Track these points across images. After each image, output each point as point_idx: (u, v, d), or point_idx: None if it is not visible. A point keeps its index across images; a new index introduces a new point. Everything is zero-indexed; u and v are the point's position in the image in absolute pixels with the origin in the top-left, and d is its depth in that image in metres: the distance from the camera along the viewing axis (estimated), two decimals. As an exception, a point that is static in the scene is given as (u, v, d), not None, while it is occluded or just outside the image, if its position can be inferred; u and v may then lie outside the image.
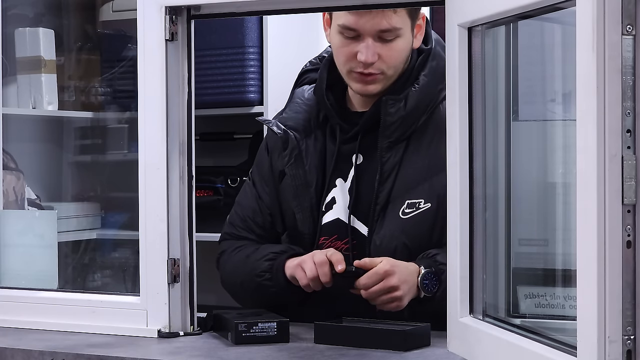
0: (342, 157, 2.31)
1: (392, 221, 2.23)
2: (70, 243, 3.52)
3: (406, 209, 2.22)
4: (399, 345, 1.94)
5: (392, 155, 2.25)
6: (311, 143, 2.32)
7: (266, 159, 2.39)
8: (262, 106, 3.42)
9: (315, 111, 2.35)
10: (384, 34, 2.22)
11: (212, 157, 3.78)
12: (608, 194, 1.33)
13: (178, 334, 2.12)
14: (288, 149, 2.31)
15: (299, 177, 2.31)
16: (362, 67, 2.24)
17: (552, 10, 1.53)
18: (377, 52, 2.23)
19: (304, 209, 2.30)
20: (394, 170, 2.25)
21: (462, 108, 1.77)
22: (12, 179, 2.86)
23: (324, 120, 2.34)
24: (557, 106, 1.83)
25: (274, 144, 2.37)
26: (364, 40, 2.22)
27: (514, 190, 1.80)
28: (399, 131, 2.25)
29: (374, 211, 2.24)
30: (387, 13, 2.20)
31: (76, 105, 3.64)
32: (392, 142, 2.25)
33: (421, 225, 2.21)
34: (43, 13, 3.62)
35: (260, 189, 2.38)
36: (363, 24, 2.21)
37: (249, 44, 3.41)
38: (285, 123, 2.34)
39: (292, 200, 2.31)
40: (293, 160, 2.31)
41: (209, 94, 3.41)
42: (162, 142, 2.13)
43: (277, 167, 2.35)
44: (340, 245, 2.27)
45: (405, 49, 2.27)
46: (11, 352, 2.01)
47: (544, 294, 1.81)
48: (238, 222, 2.40)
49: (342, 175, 2.31)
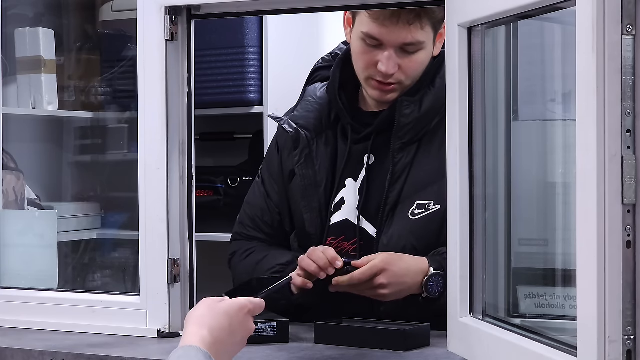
0: (353, 157, 2.30)
1: (400, 221, 2.22)
2: (70, 243, 3.52)
3: (415, 209, 2.22)
4: (398, 345, 1.94)
5: (404, 156, 2.24)
6: (322, 143, 2.32)
7: (276, 157, 2.38)
8: (262, 106, 3.41)
9: (327, 110, 2.34)
10: (407, 47, 2.21)
11: (212, 157, 3.78)
12: (608, 194, 1.33)
13: (178, 334, 2.12)
14: (299, 149, 2.31)
15: (308, 177, 2.30)
16: (382, 77, 2.23)
17: (552, 10, 1.53)
18: (398, 63, 2.22)
19: (312, 209, 2.29)
20: (405, 171, 2.24)
21: (462, 108, 1.77)
22: (12, 179, 2.86)
23: (335, 119, 2.34)
24: (557, 106, 1.83)
25: (284, 143, 2.37)
26: (386, 51, 2.21)
27: (514, 190, 1.80)
28: (412, 133, 2.24)
29: (384, 211, 2.23)
30: (413, 27, 2.18)
31: (76, 105, 3.64)
32: (405, 144, 2.25)
33: (430, 226, 2.20)
34: (43, 13, 3.62)
35: (270, 187, 2.38)
36: (387, 34, 2.19)
37: (249, 44, 3.41)
38: (297, 122, 2.33)
39: (300, 200, 2.30)
40: (303, 160, 2.30)
41: (209, 94, 3.40)
42: (162, 142, 2.13)
43: (287, 167, 2.35)
44: (347, 245, 2.26)
45: (426, 60, 2.26)
46: (11, 352, 2.01)
47: (544, 294, 1.80)
48: (247, 221, 2.39)
49: (352, 176, 2.30)
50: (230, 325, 1.61)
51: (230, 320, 1.62)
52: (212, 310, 1.61)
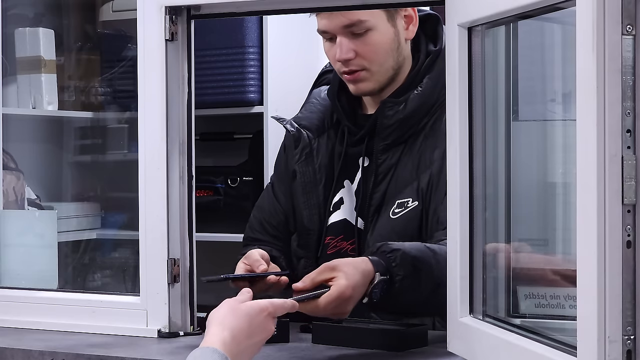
0: (350, 159, 2.32)
1: (383, 222, 2.23)
2: (70, 243, 3.52)
3: (396, 209, 2.22)
4: (395, 345, 1.94)
5: (389, 157, 2.25)
6: (323, 142, 2.35)
7: (282, 157, 2.43)
8: (262, 106, 3.42)
9: (330, 111, 2.38)
10: (351, 29, 2.23)
11: (212, 157, 3.78)
12: (608, 194, 1.33)
13: (178, 334, 2.12)
14: (299, 147, 2.34)
15: (307, 175, 2.33)
16: (344, 66, 2.26)
17: (552, 10, 1.53)
18: (352, 48, 2.24)
19: (311, 205, 2.32)
20: (390, 172, 2.25)
21: (462, 108, 1.77)
22: (12, 179, 2.86)
23: (337, 121, 2.36)
24: (557, 106, 1.82)
25: (288, 143, 2.40)
26: (337, 40, 2.25)
27: (514, 190, 1.80)
28: (395, 134, 2.25)
29: (368, 212, 2.25)
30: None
31: (76, 105, 3.64)
32: (389, 145, 2.25)
33: (409, 224, 2.20)
34: (43, 13, 3.62)
35: (277, 189, 2.41)
36: (329, 23, 2.24)
37: (249, 44, 3.41)
38: (299, 122, 2.37)
39: (300, 197, 2.33)
40: (304, 158, 2.34)
41: (209, 94, 3.41)
42: (162, 142, 2.13)
43: (290, 166, 2.38)
44: (346, 245, 2.28)
45: (383, 41, 2.25)
46: (11, 352, 2.01)
47: (544, 294, 1.80)
48: (255, 225, 2.42)
49: (349, 177, 2.32)
50: (249, 327, 1.63)
51: (251, 322, 1.64)
52: (234, 311, 1.64)
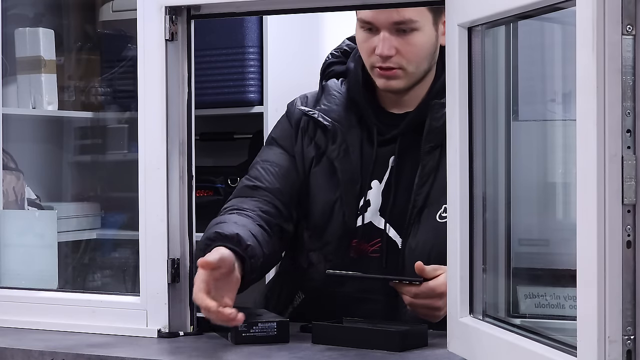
0: (379, 159, 2.27)
1: (427, 225, 2.20)
2: (70, 243, 3.52)
3: (443, 212, 2.17)
4: (395, 345, 1.94)
5: (431, 159, 2.21)
6: (354, 139, 2.28)
7: (290, 132, 2.34)
8: (262, 106, 3.41)
9: (353, 108, 2.31)
10: (399, 26, 2.21)
11: (212, 157, 3.78)
12: (608, 194, 1.33)
13: (178, 334, 2.12)
14: (337, 143, 2.27)
15: (346, 173, 2.26)
16: (381, 62, 2.22)
17: (552, 10, 1.53)
18: (395, 45, 2.21)
19: (350, 204, 2.25)
20: (432, 174, 2.21)
21: (462, 108, 1.77)
22: (12, 179, 2.86)
23: (359, 118, 2.30)
24: (557, 106, 1.83)
25: (309, 128, 2.31)
26: (380, 34, 2.21)
27: (514, 190, 1.80)
28: (440, 135, 2.22)
29: (411, 214, 2.21)
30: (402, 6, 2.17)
31: (76, 105, 3.64)
32: (433, 147, 2.22)
33: None
34: (43, 13, 3.62)
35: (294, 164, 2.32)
36: (377, 15, 2.20)
37: (249, 44, 3.41)
38: (329, 115, 2.30)
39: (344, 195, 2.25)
40: (342, 155, 2.26)
41: (209, 94, 3.40)
42: (162, 142, 2.13)
43: (309, 151, 2.30)
44: (367, 247, 2.25)
45: (425, 43, 2.24)
46: (11, 352, 2.01)
47: (544, 294, 1.80)
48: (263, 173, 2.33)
49: (377, 177, 2.27)
50: None
51: None
52: None
